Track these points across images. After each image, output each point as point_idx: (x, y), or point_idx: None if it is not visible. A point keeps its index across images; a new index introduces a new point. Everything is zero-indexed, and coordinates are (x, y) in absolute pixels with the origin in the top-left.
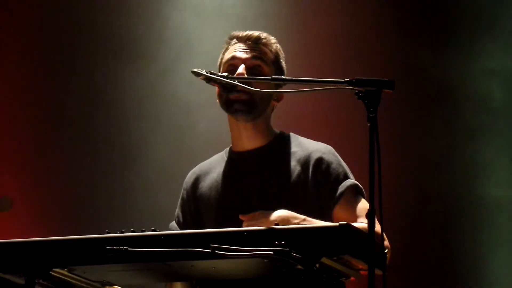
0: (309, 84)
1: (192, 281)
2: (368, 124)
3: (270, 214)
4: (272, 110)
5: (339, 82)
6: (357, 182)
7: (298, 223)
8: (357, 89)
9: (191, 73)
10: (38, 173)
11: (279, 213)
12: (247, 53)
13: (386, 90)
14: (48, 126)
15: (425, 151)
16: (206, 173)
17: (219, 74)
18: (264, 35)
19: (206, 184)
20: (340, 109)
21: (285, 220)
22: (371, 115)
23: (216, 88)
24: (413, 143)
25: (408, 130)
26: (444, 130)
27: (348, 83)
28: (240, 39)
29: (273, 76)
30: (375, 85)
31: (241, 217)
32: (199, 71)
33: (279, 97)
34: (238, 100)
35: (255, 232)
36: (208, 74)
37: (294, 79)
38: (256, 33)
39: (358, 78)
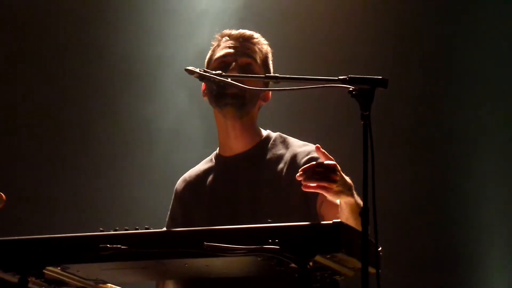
0: (302, 82)
1: (185, 279)
2: (362, 123)
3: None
4: (258, 110)
5: (333, 80)
6: None
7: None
8: (350, 87)
9: (185, 71)
10: (31, 171)
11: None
12: (239, 51)
13: (380, 88)
14: (39, 123)
15: (421, 150)
16: (196, 179)
17: (213, 72)
18: (256, 35)
19: (197, 190)
20: (333, 108)
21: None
22: (364, 113)
23: (202, 85)
24: (409, 142)
25: (403, 129)
26: (441, 129)
27: (342, 81)
28: (232, 37)
29: (266, 74)
30: (368, 83)
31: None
32: (193, 69)
33: (265, 98)
34: (229, 93)
35: (249, 230)
36: (201, 72)
37: (288, 77)
38: (248, 32)
39: (351, 76)
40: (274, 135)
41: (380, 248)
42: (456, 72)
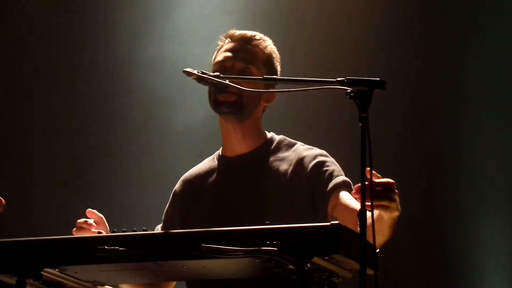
0: (300, 84)
1: (182, 281)
2: (360, 124)
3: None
4: (263, 111)
5: (331, 82)
6: (349, 180)
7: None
8: (348, 89)
9: (183, 73)
10: (30, 172)
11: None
12: (237, 55)
13: (378, 90)
14: (37, 123)
15: (419, 151)
16: (197, 179)
17: (211, 74)
18: (258, 35)
19: (195, 189)
20: (331, 109)
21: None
22: (362, 115)
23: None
24: (408, 144)
25: (402, 130)
26: (441, 130)
27: (340, 82)
28: (233, 39)
29: (264, 76)
30: (366, 85)
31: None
32: (191, 71)
33: (269, 98)
34: (226, 102)
35: (247, 232)
36: (199, 74)
37: (285, 79)
38: (250, 33)
39: (349, 77)
40: (278, 137)
41: (378, 250)
42: (454, 73)
